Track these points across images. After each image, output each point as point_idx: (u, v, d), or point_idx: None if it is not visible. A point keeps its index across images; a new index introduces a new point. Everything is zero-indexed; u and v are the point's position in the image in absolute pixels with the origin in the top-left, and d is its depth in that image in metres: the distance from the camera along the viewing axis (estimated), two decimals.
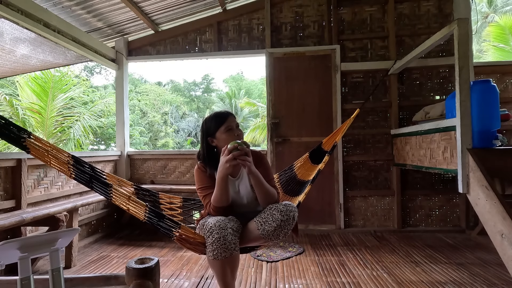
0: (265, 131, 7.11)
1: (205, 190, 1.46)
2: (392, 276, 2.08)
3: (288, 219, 1.31)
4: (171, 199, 1.91)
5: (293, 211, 1.33)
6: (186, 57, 3.69)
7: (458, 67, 1.95)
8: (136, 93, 17.83)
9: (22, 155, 2.29)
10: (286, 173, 2.11)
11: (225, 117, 1.48)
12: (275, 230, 1.30)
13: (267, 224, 1.31)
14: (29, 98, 6.61)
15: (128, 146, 3.72)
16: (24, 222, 1.92)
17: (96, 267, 2.33)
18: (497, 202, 1.65)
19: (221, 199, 1.37)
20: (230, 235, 1.26)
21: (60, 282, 0.93)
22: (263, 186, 1.38)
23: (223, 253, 1.23)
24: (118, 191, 1.35)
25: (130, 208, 1.31)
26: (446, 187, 3.24)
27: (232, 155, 1.28)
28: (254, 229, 1.34)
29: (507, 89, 3.28)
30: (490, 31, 8.17)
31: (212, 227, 1.26)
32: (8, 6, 2.22)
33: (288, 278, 2.08)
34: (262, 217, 1.34)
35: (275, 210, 1.33)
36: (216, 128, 1.48)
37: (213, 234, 1.24)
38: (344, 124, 2.34)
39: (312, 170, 2.02)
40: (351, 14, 3.42)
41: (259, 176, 1.37)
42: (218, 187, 1.35)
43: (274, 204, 1.37)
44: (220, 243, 1.22)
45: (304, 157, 2.17)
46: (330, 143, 2.21)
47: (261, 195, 1.40)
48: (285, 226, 1.30)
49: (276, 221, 1.30)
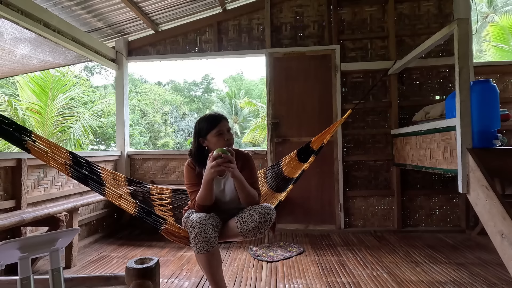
0: (265, 131, 7.11)
1: (192, 187, 1.60)
2: (392, 276, 2.08)
3: (265, 221, 1.44)
4: (161, 191, 2.04)
5: (270, 214, 1.46)
6: (186, 57, 3.69)
7: (458, 67, 1.95)
8: (136, 93, 17.84)
9: (22, 155, 2.30)
10: (273, 168, 2.18)
11: (217, 121, 1.57)
12: (253, 229, 1.43)
13: (246, 224, 1.44)
14: (29, 98, 6.61)
15: (128, 146, 3.72)
16: (24, 222, 1.92)
17: (96, 267, 2.33)
18: (497, 202, 1.65)
19: (205, 199, 1.51)
20: (210, 229, 1.39)
21: (60, 282, 0.93)
22: (245, 188, 1.51)
23: (205, 246, 1.36)
24: (111, 190, 1.48)
25: (122, 204, 1.44)
26: (446, 187, 3.24)
27: (216, 162, 1.40)
28: (234, 227, 1.47)
29: (507, 89, 3.28)
30: (490, 31, 8.17)
31: (193, 223, 1.40)
32: (8, 6, 2.22)
33: (288, 278, 2.08)
34: (242, 217, 1.46)
35: (254, 212, 1.45)
36: (207, 131, 1.57)
37: (194, 229, 1.38)
38: (333, 125, 2.36)
39: (298, 168, 2.08)
40: (351, 14, 3.42)
41: (242, 179, 1.49)
42: (203, 188, 1.49)
43: (254, 206, 1.49)
44: (201, 236, 1.36)
45: (292, 154, 2.22)
46: (318, 142, 2.24)
47: (242, 197, 1.53)
48: (262, 227, 1.43)
49: (254, 222, 1.43)
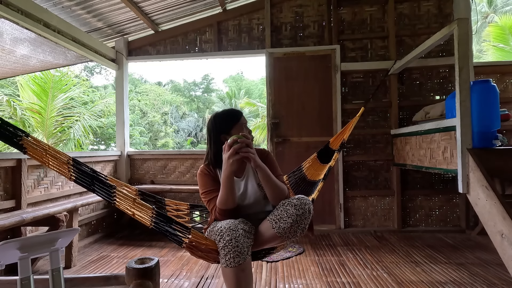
0: (265, 131, 7.11)
1: (209, 194, 1.38)
2: (392, 276, 2.08)
3: (304, 213, 1.21)
4: (177, 206, 1.82)
5: (308, 204, 1.24)
6: (186, 57, 3.69)
7: (458, 67, 1.95)
8: (136, 93, 17.84)
9: (22, 155, 2.29)
10: (295, 174, 2.06)
11: (240, 114, 1.46)
12: (292, 226, 1.20)
13: (282, 221, 1.21)
14: (30, 98, 6.61)
15: (128, 146, 3.72)
16: (24, 222, 1.92)
17: (96, 267, 2.33)
18: (497, 202, 1.65)
19: (227, 201, 1.28)
20: (242, 236, 1.16)
21: (60, 282, 0.93)
22: (271, 180, 1.28)
23: (236, 258, 1.12)
24: (122, 193, 1.25)
25: (136, 212, 1.21)
26: (446, 187, 3.24)
27: (233, 149, 1.21)
28: (268, 229, 1.24)
29: (507, 89, 3.28)
30: (490, 31, 8.17)
31: (221, 229, 1.18)
32: (8, 6, 2.22)
33: (288, 278, 2.08)
34: (275, 214, 1.25)
35: (289, 205, 1.23)
36: (232, 125, 1.41)
37: (223, 237, 1.15)
38: (350, 122, 2.31)
39: (322, 169, 1.96)
40: (351, 14, 3.42)
41: (266, 169, 1.28)
42: (224, 187, 1.27)
43: (287, 199, 1.27)
44: (232, 245, 1.13)
45: (312, 157, 2.12)
46: (337, 142, 2.19)
47: (270, 190, 1.30)
48: (301, 221, 1.21)
49: (291, 216, 1.20)
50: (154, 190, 3.13)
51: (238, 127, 1.41)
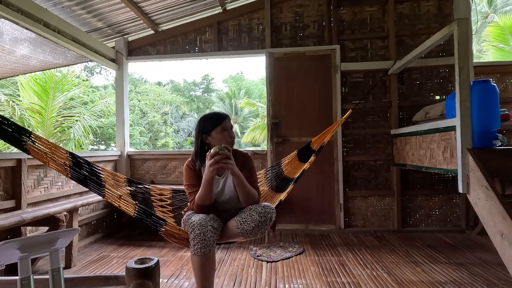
0: (265, 131, 7.11)
1: (191, 187, 1.59)
2: (392, 276, 2.08)
3: (266, 220, 1.42)
4: (161, 191, 2.02)
5: (270, 213, 1.45)
6: (186, 57, 3.69)
7: (458, 67, 1.95)
8: (136, 93, 17.84)
9: (22, 155, 2.29)
10: (273, 169, 2.18)
11: (222, 119, 1.60)
12: (253, 229, 1.42)
13: (246, 224, 1.42)
14: (30, 98, 6.61)
15: (128, 146, 3.72)
16: (24, 222, 1.92)
17: (96, 267, 2.33)
18: (497, 202, 1.65)
19: (205, 199, 1.49)
20: (210, 232, 1.37)
21: (60, 282, 0.93)
22: (244, 187, 1.49)
23: (203, 248, 1.34)
24: (111, 191, 1.46)
25: (121, 205, 1.42)
26: (446, 187, 3.24)
27: (214, 160, 1.39)
28: (234, 227, 1.46)
29: (507, 89, 3.28)
30: (490, 31, 8.17)
31: (194, 224, 1.38)
32: (8, 6, 2.22)
33: (288, 278, 2.08)
34: (242, 217, 1.45)
35: (254, 211, 1.44)
36: (212, 127, 1.59)
37: (194, 231, 1.36)
38: (333, 125, 2.37)
39: (299, 168, 2.09)
40: (351, 14, 3.42)
41: (241, 177, 1.48)
42: (203, 188, 1.47)
43: (254, 205, 1.48)
44: (200, 238, 1.34)
45: (292, 154, 2.23)
46: (318, 142, 2.24)
47: (242, 195, 1.51)
48: (262, 227, 1.42)
49: (254, 221, 1.41)
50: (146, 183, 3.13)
51: (219, 130, 1.58)
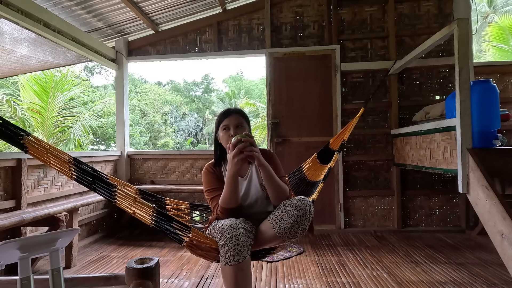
0: (265, 131, 7.11)
1: (212, 192, 1.40)
2: (392, 276, 2.08)
3: (305, 214, 1.21)
4: (177, 205, 1.81)
5: (308, 205, 1.24)
6: (186, 57, 3.69)
7: (458, 67, 1.95)
8: (136, 93, 17.84)
9: (22, 155, 2.29)
10: (295, 175, 2.05)
11: (225, 115, 1.42)
12: (292, 227, 1.20)
13: (282, 222, 1.21)
14: (31, 98, 6.61)
15: (128, 146, 3.72)
16: (24, 222, 1.92)
17: (96, 267, 2.33)
18: (497, 202, 1.65)
19: (230, 200, 1.30)
20: (242, 235, 1.18)
21: (60, 282, 0.93)
22: (274, 179, 1.29)
23: (236, 256, 1.13)
24: (123, 192, 1.26)
25: (136, 211, 1.21)
26: (446, 187, 3.24)
27: (238, 149, 1.22)
28: (269, 229, 1.25)
29: (507, 89, 3.28)
30: (490, 31, 8.17)
31: (223, 227, 1.19)
32: (8, 6, 2.22)
33: (288, 278, 2.08)
34: (276, 214, 1.25)
35: (290, 205, 1.24)
36: (218, 125, 1.45)
37: (224, 235, 1.16)
38: (350, 123, 2.31)
39: (322, 170, 1.96)
40: (351, 14, 3.42)
41: (270, 168, 1.29)
42: (228, 186, 1.28)
43: (288, 200, 1.28)
44: (232, 243, 1.14)
45: (312, 158, 2.11)
46: (337, 142, 2.18)
47: (271, 190, 1.31)
48: (302, 222, 1.21)
49: (292, 217, 1.20)
50: (154, 190, 3.13)
51: (221, 128, 1.42)
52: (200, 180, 3.50)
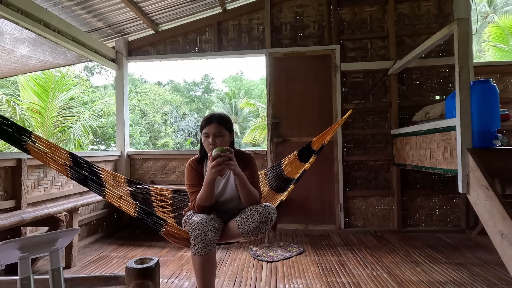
0: (265, 131, 7.11)
1: (193, 187, 1.59)
2: (392, 276, 2.08)
3: (266, 221, 1.42)
4: (161, 191, 2.03)
5: (271, 213, 1.44)
6: (186, 57, 3.69)
7: (458, 67, 1.95)
8: (136, 93, 17.84)
9: (22, 155, 2.29)
10: (274, 169, 2.18)
11: (207, 123, 1.55)
12: (254, 230, 1.41)
13: (247, 224, 1.42)
14: (30, 98, 6.61)
15: (128, 146, 3.72)
16: (24, 222, 1.92)
17: (96, 267, 2.33)
18: (497, 202, 1.65)
19: (206, 200, 1.49)
20: (210, 232, 1.37)
21: (60, 282, 0.93)
22: (246, 187, 1.49)
23: (203, 248, 1.33)
24: (111, 191, 1.45)
25: (122, 205, 1.41)
26: (446, 187, 3.24)
27: (216, 162, 1.39)
28: (235, 228, 1.45)
29: (507, 89, 3.28)
30: (490, 31, 8.17)
31: (195, 224, 1.38)
32: (8, 6, 2.22)
33: (288, 278, 2.08)
34: (242, 217, 1.45)
35: (255, 211, 1.43)
36: (200, 130, 1.60)
37: (195, 230, 1.36)
38: (334, 125, 2.36)
39: (299, 168, 2.08)
40: (351, 14, 3.42)
41: (243, 177, 1.48)
42: (204, 189, 1.47)
43: (255, 206, 1.48)
44: (201, 238, 1.34)
45: (293, 154, 2.23)
46: (319, 142, 2.23)
47: (243, 195, 1.52)
48: (263, 227, 1.41)
49: (255, 222, 1.41)
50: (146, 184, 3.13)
51: (203, 134, 1.57)
52: None
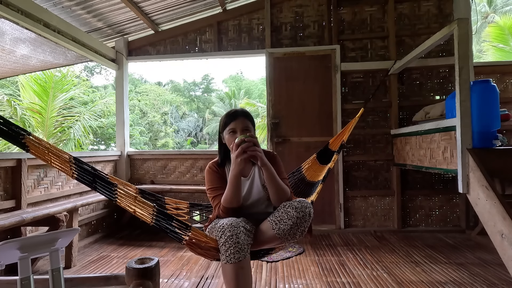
0: (265, 131, 7.11)
1: (215, 190, 1.41)
2: (392, 276, 2.08)
3: (304, 216, 1.23)
4: (177, 204, 1.84)
5: (308, 207, 1.25)
6: (186, 57, 3.69)
7: (458, 67, 1.95)
8: (136, 93, 17.85)
9: (22, 155, 2.29)
10: (294, 175, 2.06)
11: (232, 118, 1.41)
12: (291, 228, 1.22)
13: (282, 223, 1.23)
14: (31, 98, 6.61)
15: (128, 146, 3.72)
16: (24, 222, 1.92)
17: (96, 267, 2.33)
18: (497, 202, 1.65)
19: (232, 200, 1.31)
20: (242, 233, 1.19)
21: (60, 282, 0.93)
22: (275, 180, 1.31)
23: (236, 254, 1.14)
24: (124, 191, 1.27)
25: (137, 210, 1.22)
26: (446, 187, 3.24)
27: (241, 148, 1.24)
28: (268, 229, 1.26)
29: (507, 89, 3.28)
30: (490, 31, 8.17)
31: (224, 226, 1.20)
32: (8, 6, 2.22)
33: (288, 278, 2.08)
34: (276, 215, 1.26)
35: (290, 207, 1.25)
36: (224, 126, 1.44)
37: (225, 233, 1.17)
38: (350, 123, 2.32)
39: (321, 170, 1.97)
40: (351, 14, 3.42)
41: (272, 169, 1.30)
42: (230, 185, 1.29)
43: (288, 202, 1.29)
44: (233, 241, 1.15)
45: (311, 158, 2.12)
46: (337, 143, 2.19)
47: (273, 190, 1.33)
48: (301, 224, 1.22)
49: (291, 218, 1.22)
50: (154, 190, 3.11)
51: (227, 131, 1.41)
52: (200, 180, 3.50)
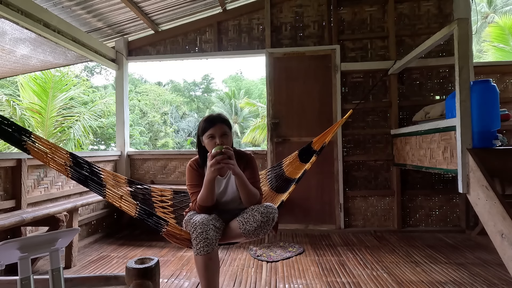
0: (265, 131, 7.11)
1: (193, 187, 1.58)
2: (392, 276, 2.08)
3: (268, 220, 1.41)
4: (162, 192, 2.03)
5: (273, 213, 1.43)
6: (186, 57, 3.69)
7: (458, 67, 1.95)
8: (136, 93, 17.84)
9: (22, 155, 2.29)
10: (274, 169, 2.17)
11: (212, 124, 1.52)
12: (256, 229, 1.40)
13: (248, 224, 1.41)
14: (30, 98, 6.60)
15: (128, 146, 3.72)
16: (24, 222, 1.92)
17: (96, 267, 2.33)
18: (497, 202, 1.65)
19: (207, 200, 1.49)
20: (212, 231, 1.36)
21: (60, 282, 0.93)
22: (246, 187, 1.48)
23: (205, 247, 1.32)
24: (112, 191, 1.44)
25: (122, 205, 1.40)
26: (446, 187, 3.24)
27: (216, 160, 1.38)
28: (236, 228, 1.44)
29: (507, 89, 3.28)
30: (490, 31, 8.17)
31: (196, 223, 1.38)
32: (8, 6, 2.22)
33: (288, 278, 2.08)
34: (244, 217, 1.44)
35: (256, 211, 1.42)
36: (203, 131, 1.55)
37: (196, 230, 1.35)
38: (335, 124, 2.34)
39: (300, 168, 2.07)
40: (351, 14, 3.42)
41: (243, 177, 1.47)
42: (205, 189, 1.47)
43: (256, 206, 1.47)
44: (203, 237, 1.33)
45: (293, 154, 2.21)
46: (320, 142, 2.22)
47: (243, 195, 1.51)
48: (265, 227, 1.41)
49: (256, 222, 1.40)
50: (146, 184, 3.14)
51: (207, 136, 1.53)
52: None
